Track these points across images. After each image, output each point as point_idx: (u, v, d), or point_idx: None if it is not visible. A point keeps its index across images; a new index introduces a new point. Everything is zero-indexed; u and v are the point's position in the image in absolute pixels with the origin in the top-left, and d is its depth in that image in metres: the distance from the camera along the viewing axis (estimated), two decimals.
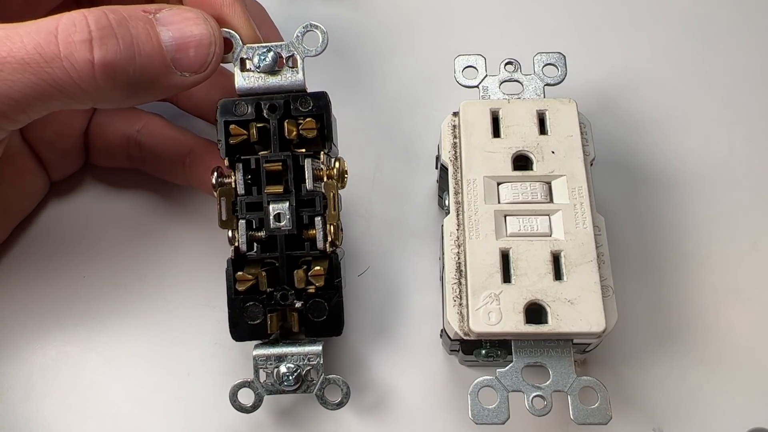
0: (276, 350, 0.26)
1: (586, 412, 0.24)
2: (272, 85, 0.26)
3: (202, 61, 0.25)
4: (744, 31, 0.37)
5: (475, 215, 0.27)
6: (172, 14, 0.25)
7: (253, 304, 0.26)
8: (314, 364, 0.26)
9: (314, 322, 0.26)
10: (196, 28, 0.25)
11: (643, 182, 0.33)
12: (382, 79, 0.36)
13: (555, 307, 0.25)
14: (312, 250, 0.26)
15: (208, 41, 0.25)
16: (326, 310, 0.26)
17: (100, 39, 0.23)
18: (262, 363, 0.26)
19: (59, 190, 0.33)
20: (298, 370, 0.26)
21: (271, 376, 0.26)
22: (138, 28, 0.24)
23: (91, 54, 0.23)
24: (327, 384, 0.26)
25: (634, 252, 0.32)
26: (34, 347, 0.30)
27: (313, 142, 0.27)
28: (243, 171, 0.26)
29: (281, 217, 0.26)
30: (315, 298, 0.26)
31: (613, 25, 0.37)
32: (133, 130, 0.32)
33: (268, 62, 0.26)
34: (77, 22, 0.23)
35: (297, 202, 0.26)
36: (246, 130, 0.26)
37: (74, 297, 0.31)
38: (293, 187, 0.26)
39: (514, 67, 0.30)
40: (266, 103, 0.26)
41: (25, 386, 0.30)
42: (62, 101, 0.24)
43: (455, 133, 0.29)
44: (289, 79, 0.26)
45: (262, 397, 0.26)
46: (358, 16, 0.38)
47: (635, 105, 0.35)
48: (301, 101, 0.26)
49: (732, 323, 0.30)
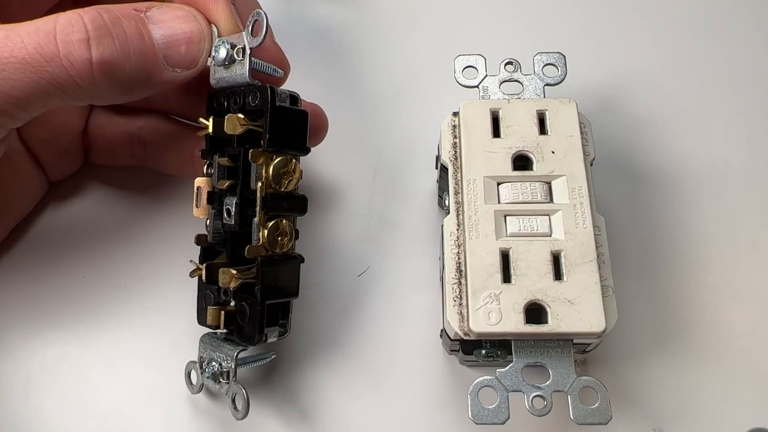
0: (214, 343, 0.26)
1: (586, 412, 0.24)
2: (228, 78, 0.26)
3: (193, 57, 0.26)
4: (744, 32, 0.37)
5: (475, 215, 0.27)
6: (162, 12, 0.26)
7: (208, 293, 0.26)
8: (228, 368, 0.25)
9: (239, 324, 0.26)
10: (186, 26, 0.26)
11: (643, 182, 0.33)
12: (381, 79, 0.36)
13: (555, 307, 0.25)
14: None
15: (197, 37, 0.26)
16: (248, 316, 0.25)
17: (97, 38, 0.24)
18: (202, 351, 0.27)
19: (59, 190, 0.33)
20: (216, 370, 0.26)
21: (204, 369, 0.26)
22: (131, 27, 0.24)
23: (89, 53, 0.23)
24: (235, 392, 0.25)
25: (634, 252, 0.32)
26: (34, 347, 0.30)
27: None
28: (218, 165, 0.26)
29: (230, 213, 0.26)
30: (242, 302, 0.25)
31: (613, 25, 0.37)
32: (134, 128, 0.32)
33: (219, 56, 0.26)
34: (74, 22, 0.24)
35: (241, 199, 0.25)
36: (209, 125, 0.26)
37: (74, 297, 0.31)
38: (240, 184, 0.26)
39: (514, 67, 0.30)
40: (228, 97, 0.26)
41: (25, 386, 0.30)
42: (62, 98, 0.24)
43: (455, 133, 0.29)
44: (239, 72, 0.26)
45: (201, 384, 0.27)
46: (357, 15, 0.38)
47: (635, 105, 0.35)
48: (252, 95, 0.26)
49: (732, 323, 0.30)
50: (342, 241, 0.32)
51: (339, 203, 0.33)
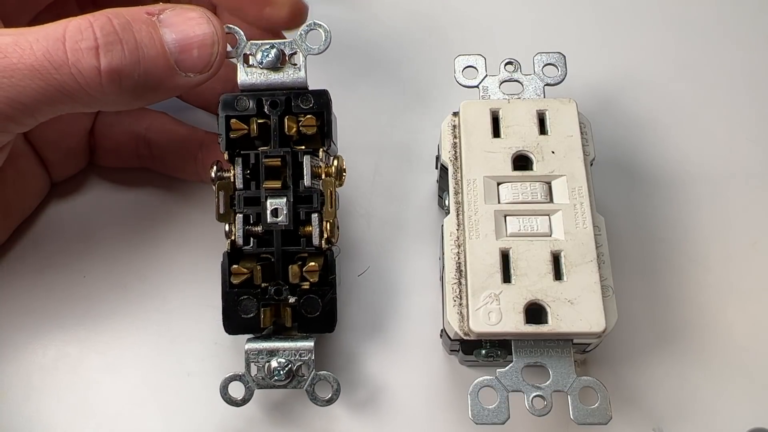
0: (268, 344, 0.26)
1: (586, 412, 0.24)
2: (274, 81, 0.27)
3: (206, 61, 0.25)
4: (744, 32, 0.37)
5: (475, 215, 0.27)
6: (174, 15, 0.25)
7: (247, 297, 0.26)
8: (306, 359, 0.26)
9: (307, 317, 0.26)
10: (199, 28, 0.25)
11: (643, 182, 0.33)
12: (381, 79, 0.36)
13: (555, 307, 0.25)
14: (308, 247, 0.26)
15: (211, 41, 0.25)
16: (320, 306, 0.26)
17: (106, 46, 0.23)
18: (254, 357, 0.26)
19: (60, 190, 0.33)
20: (290, 365, 0.26)
21: (262, 370, 0.26)
22: (141, 32, 0.24)
23: (97, 61, 0.23)
24: (317, 380, 0.26)
25: (634, 252, 0.32)
26: (34, 347, 0.30)
27: (312, 140, 0.27)
28: (242, 166, 0.26)
29: (278, 212, 0.26)
30: (309, 294, 0.26)
31: (613, 25, 0.37)
32: (140, 128, 0.32)
33: (271, 59, 0.26)
34: (83, 29, 0.23)
35: (294, 198, 0.26)
36: (247, 125, 0.26)
37: (74, 297, 0.31)
38: (291, 183, 0.26)
39: (514, 67, 0.30)
40: (268, 99, 0.27)
41: (25, 386, 0.30)
42: (69, 105, 0.24)
43: (455, 133, 0.29)
44: (291, 76, 0.27)
45: (252, 391, 0.26)
46: (357, 16, 0.38)
47: (635, 105, 0.35)
48: (303, 98, 0.27)
49: (732, 323, 0.30)
50: (342, 241, 0.32)
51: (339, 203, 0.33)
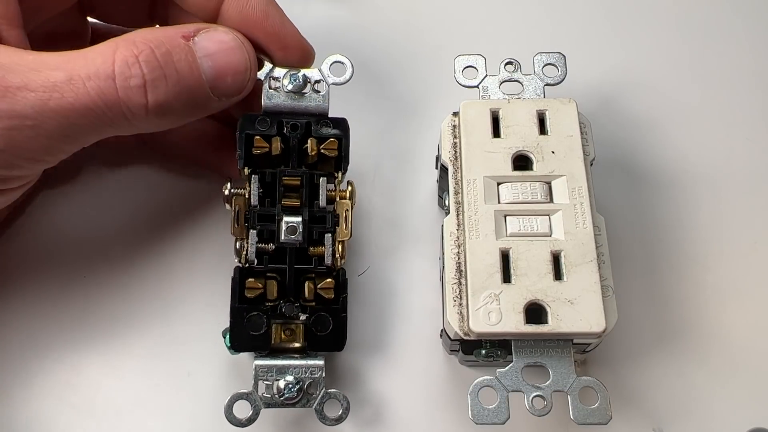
0: (278, 362, 0.26)
1: (586, 412, 0.24)
2: (297, 105, 0.28)
3: (239, 87, 0.26)
4: (744, 31, 0.37)
5: (475, 215, 0.27)
6: (209, 39, 0.26)
7: (256, 314, 0.26)
8: (316, 377, 0.26)
9: (317, 335, 0.27)
10: (234, 56, 0.26)
11: (643, 182, 0.33)
12: (381, 79, 0.36)
13: (555, 307, 0.25)
14: (319, 266, 0.27)
15: (244, 67, 0.26)
16: (330, 324, 0.27)
17: (152, 82, 0.24)
18: (263, 374, 0.26)
19: (59, 190, 0.33)
20: (300, 383, 0.26)
21: (270, 388, 0.26)
22: (181, 63, 0.25)
23: (145, 99, 0.24)
24: (327, 398, 0.26)
25: (634, 252, 0.32)
26: (35, 347, 0.30)
27: (327, 164, 0.28)
28: (258, 183, 0.27)
29: (294, 230, 0.27)
30: (320, 312, 0.27)
31: (613, 25, 0.37)
32: None
33: (299, 83, 0.28)
34: (130, 63, 0.24)
35: (309, 217, 0.27)
36: (268, 143, 0.27)
37: (74, 297, 0.31)
38: (306, 203, 0.27)
39: (514, 67, 0.30)
40: (289, 121, 0.28)
41: (25, 386, 0.30)
42: (111, 133, 0.25)
43: (455, 133, 0.29)
44: (315, 102, 0.28)
45: (259, 410, 0.26)
46: (358, 16, 0.38)
47: (635, 105, 0.35)
48: (323, 124, 0.28)
49: (732, 323, 0.30)
50: None
51: None
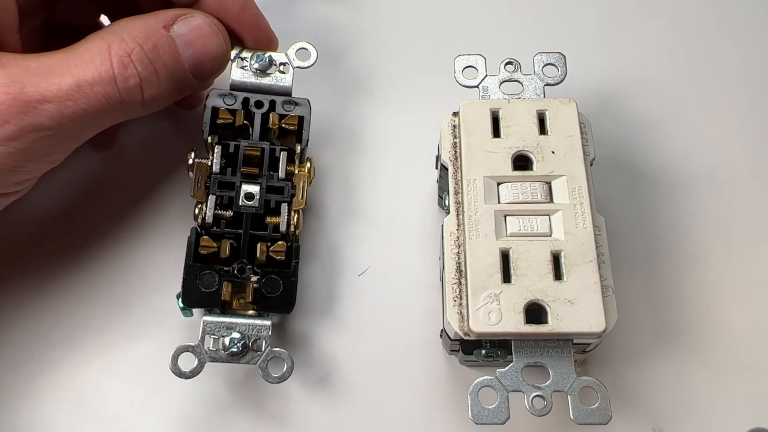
0: (226, 319, 0.27)
1: (586, 412, 0.25)
2: (263, 84, 0.30)
3: (217, 69, 0.29)
4: (744, 32, 0.37)
5: (475, 215, 0.27)
6: (186, 26, 0.28)
7: (208, 272, 0.27)
8: (263, 335, 0.27)
9: (267, 296, 0.28)
10: (211, 42, 0.28)
11: (643, 182, 0.33)
12: (381, 79, 0.36)
13: (555, 307, 0.25)
14: (274, 233, 0.28)
15: (221, 52, 0.28)
16: (281, 287, 0.28)
17: (146, 79, 0.26)
18: (211, 329, 0.27)
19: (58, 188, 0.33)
20: (245, 339, 0.27)
21: (216, 343, 0.27)
22: (167, 56, 0.27)
23: (141, 95, 0.27)
24: (272, 356, 0.27)
25: (634, 252, 0.32)
26: (35, 347, 0.30)
27: (289, 140, 0.30)
28: (221, 153, 0.29)
29: (252, 197, 0.28)
30: (271, 275, 0.28)
31: (613, 26, 0.37)
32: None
33: (265, 63, 0.30)
34: (125, 63, 0.26)
35: (267, 186, 0.29)
36: (232, 117, 0.29)
37: (74, 297, 0.31)
38: (267, 174, 0.29)
39: (514, 67, 0.30)
40: (254, 98, 0.30)
41: (25, 386, 0.30)
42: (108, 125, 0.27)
43: (455, 133, 0.29)
44: (279, 82, 0.30)
45: (204, 363, 0.27)
46: (357, 16, 0.38)
47: (635, 105, 0.35)
48: (286, 103, 0.30)
49: (732, 323, 0.30)
50: (342, 241, 0.32)
51: (339, 203, 0.33)
